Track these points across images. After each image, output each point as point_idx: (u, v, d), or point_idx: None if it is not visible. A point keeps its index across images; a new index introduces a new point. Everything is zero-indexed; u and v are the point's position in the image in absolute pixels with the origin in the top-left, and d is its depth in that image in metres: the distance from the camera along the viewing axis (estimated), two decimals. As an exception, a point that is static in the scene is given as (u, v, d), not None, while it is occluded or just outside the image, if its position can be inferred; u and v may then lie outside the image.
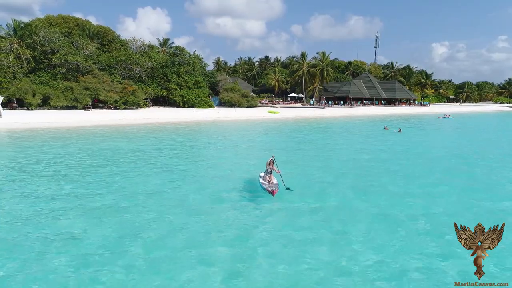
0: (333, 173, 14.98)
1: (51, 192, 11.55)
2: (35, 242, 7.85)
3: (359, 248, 7.86)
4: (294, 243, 8.04)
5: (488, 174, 15.29)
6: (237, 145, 23.58)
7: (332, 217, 9.63)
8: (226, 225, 9.03)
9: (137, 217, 9.40)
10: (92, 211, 9.80)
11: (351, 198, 11.43)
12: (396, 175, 14.82)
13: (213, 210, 10.10)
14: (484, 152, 21.69)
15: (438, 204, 10.90)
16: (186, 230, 8.66)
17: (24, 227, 8.67)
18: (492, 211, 10.36)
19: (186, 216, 9.56)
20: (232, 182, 12.99)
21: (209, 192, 11.83)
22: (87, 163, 16.40)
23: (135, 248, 7.64)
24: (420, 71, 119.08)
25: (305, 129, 35.70)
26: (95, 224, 8.93)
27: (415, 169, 16.20)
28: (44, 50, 48.44)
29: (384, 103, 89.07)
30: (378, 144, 24.66)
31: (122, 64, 53.09)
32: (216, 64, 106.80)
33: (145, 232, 8.50)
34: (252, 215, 9.77)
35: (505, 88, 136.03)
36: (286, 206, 10.45)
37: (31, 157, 17.53)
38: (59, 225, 8.79)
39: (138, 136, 26.95)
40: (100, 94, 46.69)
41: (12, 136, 25.83)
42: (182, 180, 13.60)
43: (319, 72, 78.57)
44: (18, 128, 29.23)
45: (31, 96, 43.38)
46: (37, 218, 9.22)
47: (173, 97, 56.71)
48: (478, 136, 32.61)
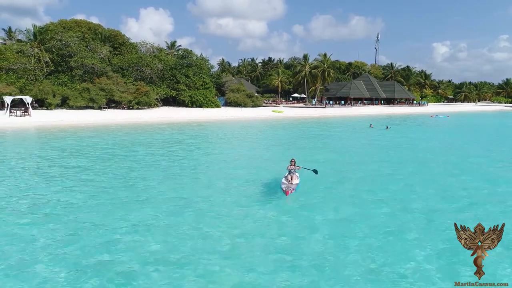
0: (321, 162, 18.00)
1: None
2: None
3: (353, 244, 8.11)
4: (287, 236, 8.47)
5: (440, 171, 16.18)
6: (256, 138, 28.10)
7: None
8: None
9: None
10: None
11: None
12: (366, 163, 17.92)
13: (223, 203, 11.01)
14: (451, 148, 24.55)
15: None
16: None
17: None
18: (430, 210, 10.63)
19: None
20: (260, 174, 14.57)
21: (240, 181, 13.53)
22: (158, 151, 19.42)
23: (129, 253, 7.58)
24: (420, 72, 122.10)
25: (307, 126, 38.89)
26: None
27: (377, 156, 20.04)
28: (61, 53, 51.50)
29: (384, 103, 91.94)
30: (361, 139, 28.67)
31: (134, 66, 56.13)
32: (221, 65, 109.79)
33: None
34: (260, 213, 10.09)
35: (503, 88, 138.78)
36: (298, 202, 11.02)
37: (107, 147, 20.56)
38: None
39: (176, 129, 30.13)
40: (115, 94, 49.71)
41: (49, 132, 28.81)
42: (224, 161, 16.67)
43: (320, 73, 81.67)
44: (48, 125, 32.23)
45: (52, 97, 46.45)
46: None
47: (182, 97, 59.71)
48: (456, 134, 35.25)
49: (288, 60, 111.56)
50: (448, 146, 25.44)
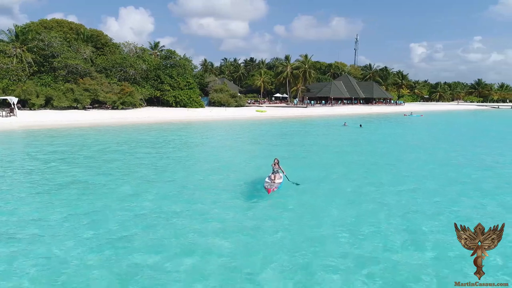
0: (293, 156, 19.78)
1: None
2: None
3: (349, 242, 8.28)
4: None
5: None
6: (240, 136, 29.28)
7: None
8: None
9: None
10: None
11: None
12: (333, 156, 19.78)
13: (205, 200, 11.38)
14: (411, 142, 27.75)
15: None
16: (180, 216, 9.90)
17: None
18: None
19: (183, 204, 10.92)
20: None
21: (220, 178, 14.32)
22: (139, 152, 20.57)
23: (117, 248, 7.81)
24: (397, 72, 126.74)
25: (289, 124, 40.67)
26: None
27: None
28: (44, 54, 51.46)
29: (363, 103, 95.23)
30: (335, 136, 31.44)
31: (118, 66, 56.57)
32: (203, 66, 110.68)
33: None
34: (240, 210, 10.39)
35: (475, 88, 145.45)
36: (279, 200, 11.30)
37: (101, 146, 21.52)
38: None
39: (160, 129, 31.15)
40: (99, 95, 50.11)
41: (33, 133, 29.40)
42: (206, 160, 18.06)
43: (302, 73, 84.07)
44: (34, 126, 32.71)
45: (35, 97, 46.48)
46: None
47: (166, 97, 60.54)
48: (423, 130, 38.71)
49: (270, 60, 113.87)
50: (408, 141, 28.66)
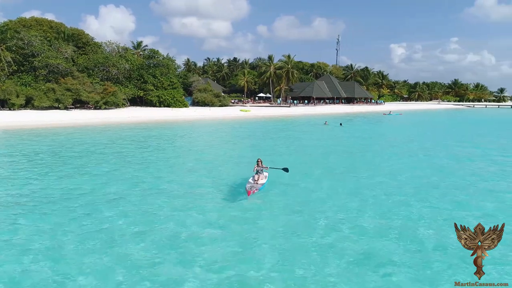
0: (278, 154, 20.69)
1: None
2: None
3: (348, 241, 8.37)
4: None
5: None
6: (225, 135, 29.85)
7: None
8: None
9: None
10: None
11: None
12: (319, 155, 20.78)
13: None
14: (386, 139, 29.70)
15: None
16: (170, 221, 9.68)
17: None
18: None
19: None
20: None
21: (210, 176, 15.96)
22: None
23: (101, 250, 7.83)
24: (377, 72, 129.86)
25: (273, 123, 41.64)
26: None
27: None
28: (24, 53, 50.57)
29: (344, 102, 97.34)
30: (317, 133, 32.83)
31: (100, 66, 56.13)
32: (186, 65, 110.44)
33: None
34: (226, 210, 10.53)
35: (452, 88, 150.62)
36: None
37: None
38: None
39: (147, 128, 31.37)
40: (82, 95, 49.65)
41: (13, 133, 29.19)
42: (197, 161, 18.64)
43: (285, 73, 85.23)
44: (14, 126, 32.39)
45: (15, 97, 45.69)
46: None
47: (150, 97, 60.41)
48: (399, 128, 40.97)
49: (253, 60, 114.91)
50: (384, 136, 30.87)
